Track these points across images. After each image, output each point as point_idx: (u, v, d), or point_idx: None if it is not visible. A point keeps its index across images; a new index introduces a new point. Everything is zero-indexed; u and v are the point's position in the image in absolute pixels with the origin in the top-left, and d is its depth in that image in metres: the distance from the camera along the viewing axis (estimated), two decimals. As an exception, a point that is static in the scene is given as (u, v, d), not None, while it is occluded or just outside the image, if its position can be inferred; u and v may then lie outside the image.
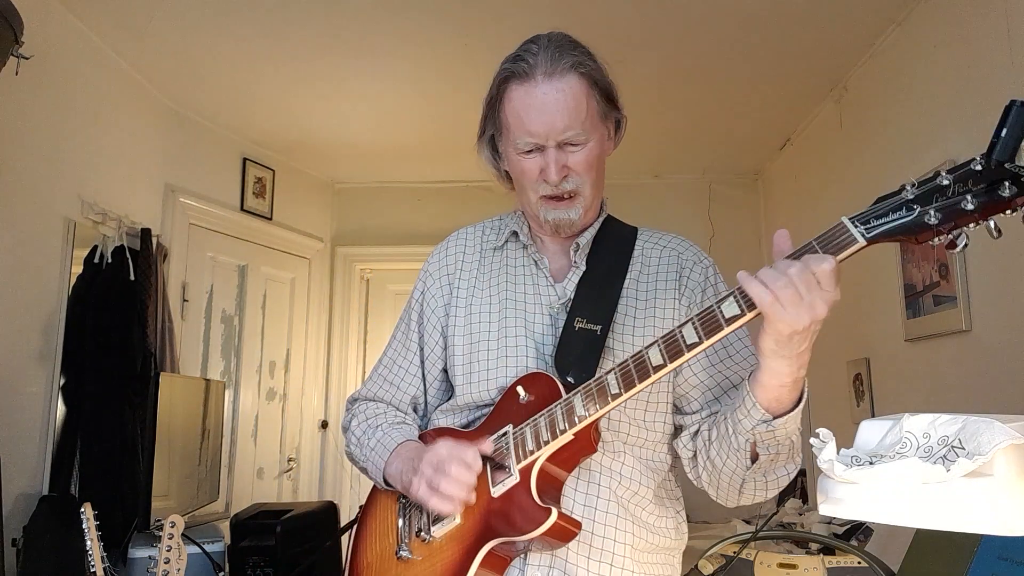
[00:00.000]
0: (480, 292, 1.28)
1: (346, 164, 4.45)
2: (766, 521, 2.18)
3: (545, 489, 1.08)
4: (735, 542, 1.53)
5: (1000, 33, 2.17)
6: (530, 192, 1.21)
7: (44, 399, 2.61)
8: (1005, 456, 0.76)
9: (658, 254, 1.27)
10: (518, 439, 1.10)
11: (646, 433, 1.18)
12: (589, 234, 1.26)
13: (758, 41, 2.99)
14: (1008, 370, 2.17)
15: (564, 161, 1.17)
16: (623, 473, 1.16)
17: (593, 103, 1.19)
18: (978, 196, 0.80)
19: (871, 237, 0.85)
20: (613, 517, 1.13)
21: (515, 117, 1.17)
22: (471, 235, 1.36)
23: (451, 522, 1.13)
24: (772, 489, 1.11)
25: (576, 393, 1.06)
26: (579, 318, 1.18)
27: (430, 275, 1.34)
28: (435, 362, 1.30)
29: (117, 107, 3.15)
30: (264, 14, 2.80)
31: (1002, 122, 0.76)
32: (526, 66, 1.16)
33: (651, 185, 4.59)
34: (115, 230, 2.98)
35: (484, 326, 1.24)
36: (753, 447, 1.03)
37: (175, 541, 1.80)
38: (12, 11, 2.01)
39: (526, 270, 1.27)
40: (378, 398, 1.36)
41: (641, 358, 1.00)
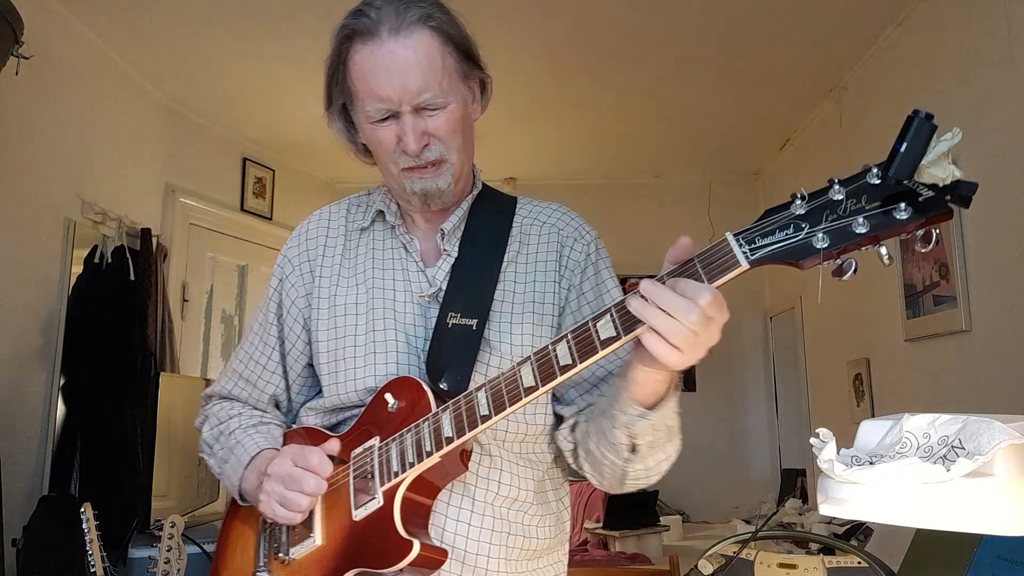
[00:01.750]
0: (345, 280, 1.14)
1: (346, 164, 4.41)
2: (766, 521, 2.18)
3: (411, 512, 1.00)
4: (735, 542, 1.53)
5: (1000, 33, 2.17)
6: (390, 165, 1.07)
7: (44, 399, 2.61)
8: (1005, 456, 0.76)
9: (537, 231, 1.15)
10: (384, 456, 1.00)
11: (526, 427, 1.09)
12: (456, 215, 1.13)
13: (758, 41, 2.99)
14: (1008, 370, 2.17)
15: (423, 127, 1.03)
16: (501, 480, 1.07)
17: (450, 60, 1.05)
18: (872, 217, 0.71)
19: (754, 260, 0.77)
20: (488, 532, 1.06)
21: (362, 81, 1.04)
22: (334, 214, 1.21)
23: (312, 544, 1.04)
24: (654, 475, 1.04)
25: (445, 410, 0.97)
26: (452, 313, 1.07)
27: (288, 261, 1.19)
28: (297, 357, 1.18)
29: (117, 107, 3.15)
30: (264, 14, 2.80)
31: (903, 134, 0.69)
32: (368, 22, 1.02)
33: (651, 185, 4.59)
34: (115, 230, 2.99)
35: (350, 319, 1.11)
36: (632, 440, 0.97)
37: (175, 541, 1.80)
38: (12, 11, 2.01)
39: (394, 254, 1.14)
40: (233, 396, 1.22)
41: (513, 377, 0.92)
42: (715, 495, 4.26)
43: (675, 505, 4.09)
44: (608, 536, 3.34)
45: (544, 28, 2.84)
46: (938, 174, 0.69)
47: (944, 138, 0.69)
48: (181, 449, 2.81)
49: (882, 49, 2.93)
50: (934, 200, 0.70)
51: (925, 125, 0.69)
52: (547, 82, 3.35)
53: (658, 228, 4.24)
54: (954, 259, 2.39)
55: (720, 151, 4.25)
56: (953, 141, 0.69)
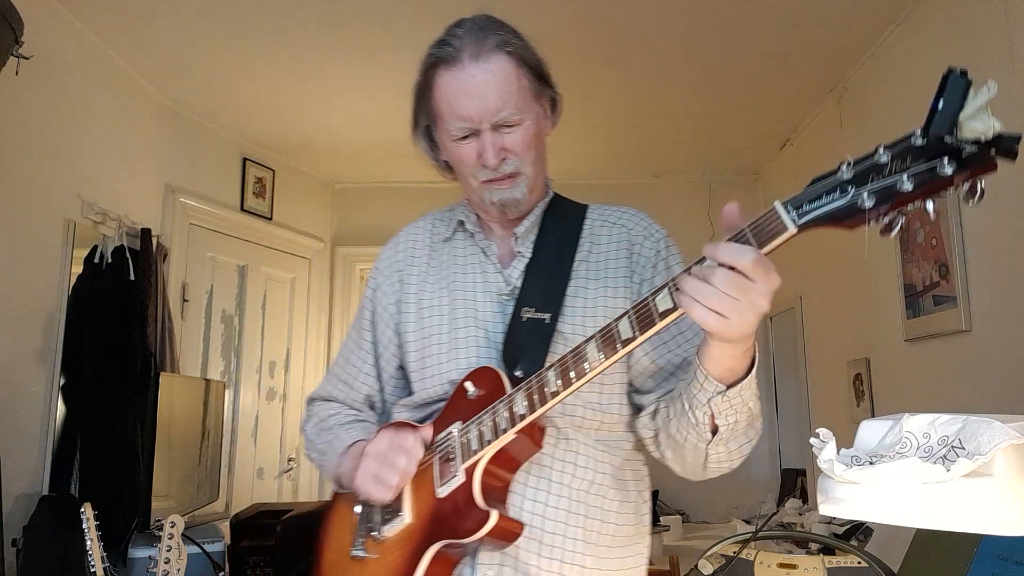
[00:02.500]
0: (430, 286, 1.26)
1: (346, 164, 4.45)
2: (766, 521, 2.18)
3: (491, 488, 1.07)
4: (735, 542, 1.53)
5: (1000, 33, 2.17)
6: (470, 179, 1.18)
7: (44, 399, 2.61)
8: (1005, 456, 0.76)
9: (607, 231, 1.24)
10: (464, 437, 1.09)
11: (602, 415, 1.16)
12: (529, 220, 1.23)
13: (758, 41, 2.99)
14: (1008, 370, 2.17)
15: (500, 143, 1.14)
16: (577, 463, 1.14)
17: (524, 81, 1.16)
18: (916, 175, 0.73)
19: (802, 224, 0.81)
20: (564, 513, 1.12)
21: (446, 103, 1.15)
22: (421, 229, 1.35)
23: (401, 521, 1.13)
24: (736, 459, 1.09)
25: (518, 390, 1.05)
26: (526, 307, 1.16)
27: (381, 272, 1.33)
28: (389, 360, 1.29)
29: (117, 107, 3.16)
30: (264, 14, 2.80)
31: (939, 92, 0.71)
32: (452, 50, 1.14)
33: (651, 185, 4.59)
34: (115, 230, 2.99)
35: (435, 320, 1.23)
36: (712, 420, 1.00)
37: (175, 541, 1.80)
38: (12, 11, 2.01)
39: (474, 259, 1.25)
40: (332, 397, 1.35)
41: (579, 354, 0.99)
42: (715, 495, 4.26)
43: (675, 505, 4.09)
44: (608, 536, 3.33)
45: (544, 29, 2.83)
46: (978, 127, 0.69)
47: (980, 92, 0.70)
48: (181, 449, 2.81)
49: (882, 49, 2.93)
50: (977, 154, 0.71)
51: (960, 81, 0.70)
52: (547, 82, 3.34)
53: (658, 228, 4.23)
54: (954, 259, 2.39)
55: (720, 151, 4.25)
56: (990, 94, 0.70)
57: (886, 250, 2.82)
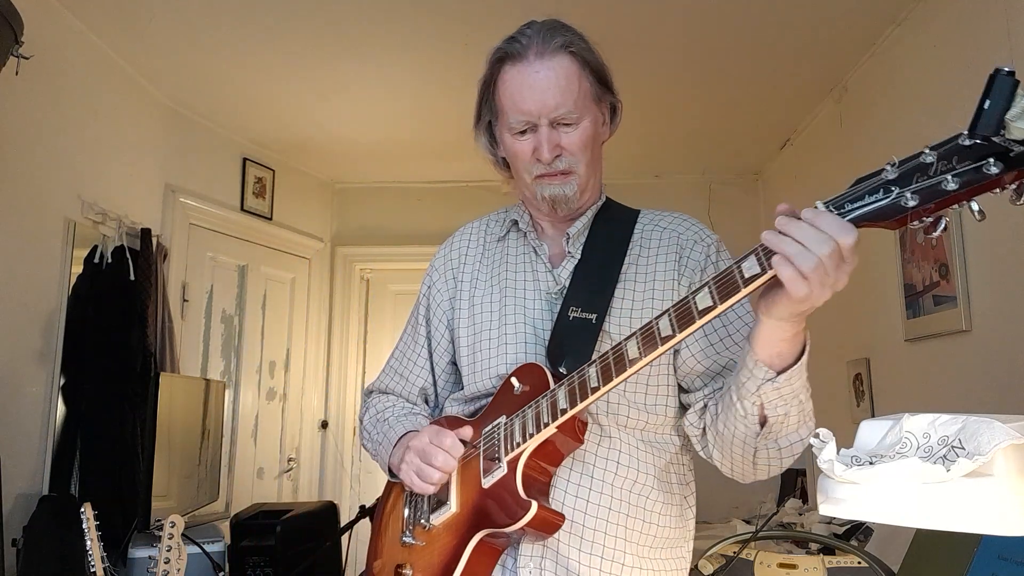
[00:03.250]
0: (482, 283, 1.30)
1: (346, 164, 4.45)
2: (766, 521, 2.18)
3: (533, 481, 1.10)
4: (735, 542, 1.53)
5: (1000, 33, 2.17)
6: (524, 174, 1.22)
7: (44, 399, 2.61)
8: (1005, 456, 0.76)
9: (658, 236, 1.26)
10: (508, 430, 1.12)
11: (647, 416, 1.17)
12: (581, 222, 1.26)
13: (758, 41, 2.99)
14: (1008, 370, 2.17)
15: (557, 140, 1.17)
16: (620, 461, 1.15)
17: (585, 84, 1.19)
18: (961, 175, 0.73)
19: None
20: (605, 509, 1.13)
21: (508, 98, 1.18)
22: (475, 229, 1.38)
23: (448, 511, 1.17)
24: (787, 457, 1.08)
25: (561, 385, 1.07)
26: (573, 307, 1.18)
27: (436, 270, 1.37)
28: (442, 354, 1.33)
29: (117, 107, 3.15)
30: (264, 14, 2.80)
31: (986, 92, 0.70)
32: (519, 47, 1.17)
33: (651, 185, 4.59)
34: (115, 230, 2.99)
35: (486, 316, 1.26)
36: (761, 410, 1.00)
37: (175, 541, 1.80)
38: (12, 11, 2.01)
39: (525, 258, 1.29)
40: (389, 389, 1.40)
41: (619, 351, 1.00)
42: (715, 495, 4.24)
43: (675, 505, 4.08)
44: (608, 536, 3.34)
45: (544, 28, 2.84)
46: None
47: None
48: (181, 449, 2.81)
49: (882, 49, 2.93)
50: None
51: (1007, 81, 0.69)
52: (547, 82, 3.34)
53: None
54: (954, 259, 2.39)
55: (720, 151, 4.25)
56: None
57: (886, 250, 2.82)
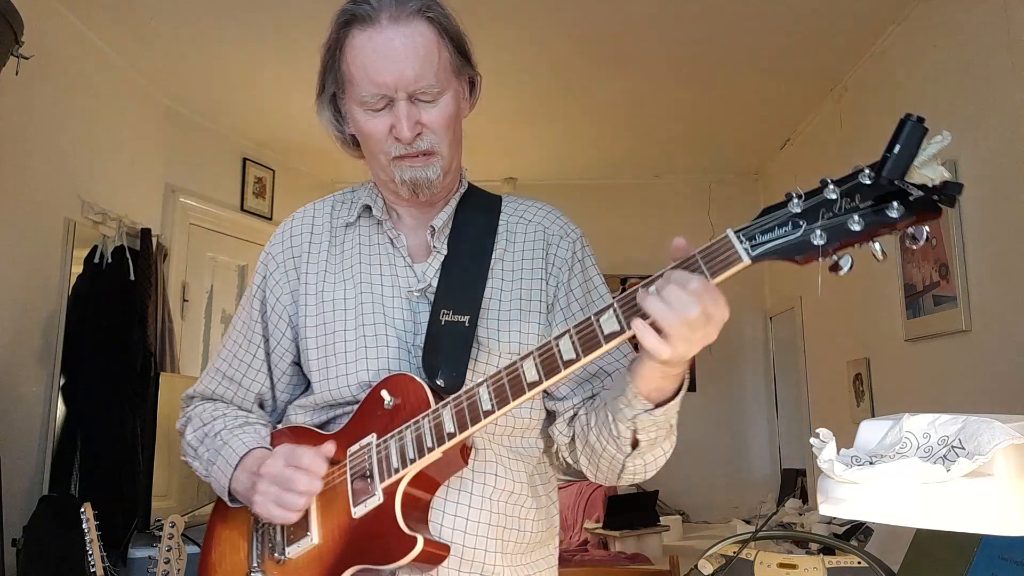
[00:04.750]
0: (332, 276, 1.14)
1: (346, 164, 4.42)
2: (766, 521, 2.18)
3: (411, 508, 1.00)
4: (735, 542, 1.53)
5: (1000, 33, 2.17)
6: (380, 155, 1.07)
7: (44, 399, 2.61)
8: (1005, 456, 0.76)
9: (523, 229, 1.16)
10: (382, 453, 1.00)
11: (515, 421, 1.09)
12: (445, 213, 1.13)
13: (758, 41, 2.99)
14: (1008, 370, 2.17)
15: (416, 116, 1.03)
16: (497, 474, 1.07)
17: (445, 54, 1.05)
18: (865, 215, 0.74)
19: (755, 256, 0.79)
20: (485, 527, 1.05)
21: (358, 67, 1.03)
22: (319, 211, 1.20)
23: (308, 542, 1.03)
24: (651, 471, 1.05)
25: (446, 406, 0.97)
26: (444, 310, 1.07)
27: (272, 258, 1.18)
28: (282, 355, 1.16)
29: (117, 107, 3.15)
30: (264, 14, 2.80)
31: (895, 137, 0.71)
32: (369, 8, 1.02)
33: (651, 185, 4.59)
34: (115, 230, 2.98)
35: (339, 315, 1.11)
36: (634, 435, 0.97)
37: (175, 541, 1.80)
38: (12, 11, 2.01)
39: (381, 249, 1.14)
40: (216, 396, 1.21)
41: (515, 371, 0.92)
42: (715, 495, 4.26)
43: (675, 505, 4.09)
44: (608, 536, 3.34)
45: (544, 29, 2.84)
46: (928, 175, 0.71)
47: (934, 140, 0.71)
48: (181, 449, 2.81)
49: (882, 49, 2.93)
50: (924, 200, 0.73)
51: (917, 128, 0.71)
52: (547, 82, 3.35)
53: (658, 228, 4.24)
54: (954, 259, 2.39)
55: (720, 151, 4.25)
56: (943, 143, 0.71)
57: (886, 250, 2.82)
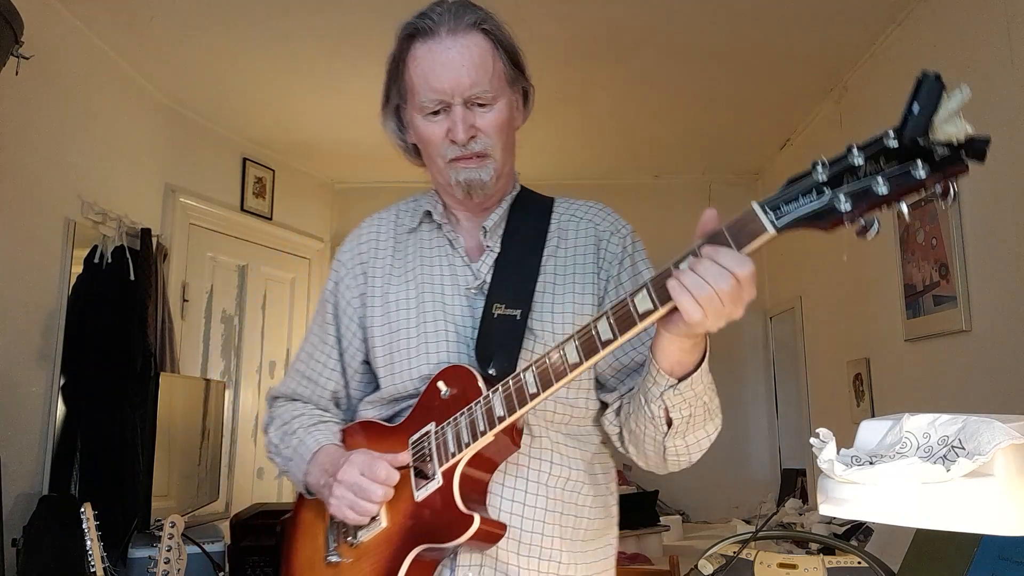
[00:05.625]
0: (396, 278, 1.23)
1: (346, 164, 4.45)
2: (766, 521, 2.18)
3: (469, 490, 1.06)
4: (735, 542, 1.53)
5: (1000, 33, 2.17)
6: (437, 159, 1.16)
7: (44, 399, 2.61)
8: (1005, 456, 0.76)
9: (575, 226, 1.23)
10: (440, 440, 1.08)
11: (570, 410, 1.16)
12: (498, 213, 1.21)
13: (758, 41, 2.99)
14: (1008, 370, 2.17)
15: (471, 120, 1.12)
16: (552, 460, 1.14)
17: (500, 64, 1.15)
18: (890, 177, 0.74)
19: (781, 226, 0.82)
20: (541, 511, 1.12)
21: (420, 76, 1.13)
22: (384, 220, 1.30)
23: (377, 526, 1.11)
24: (695, 453, 1.10)
25: (495, 391, 1.03)
26: (497, 304, 1.14)
27: (343, 265, 1.29)
28: (354, 354, 1.26)
29: (117, 107, 3.16)
30: (264, 14, 2.80)
31: (914, 95, 0.72)
32: (430, 22, 1.13)
33: (651, 185, 4.59)
34: (115, 230, 2.98)
35: (402, 313, 1.20)
36: (667, 413, 1.02)
37: (175, 541, 1.80)
38: (12, 11, 2.01)
39: (441, 251, 1.23)
40: (297, 395, 1.31)
41: (558, 355, 0.98)
42: (715, 495, 4.26)
43: (675, 505, 4.08)
44: (608, 536, 3.33)
45: (544, 28, 2.84)
46: (951, 131, 0.70)
47: (954, 96, 0.71)
48: (181, 449, 2.81)
49: (882, 49, 2.93)
50: (950, 157, 0.72)
51: (934, 84, 0.71)
52: (547, 82, 3.35)
53: (658, 228, 4.20)
54: (954, 259, 2.39)
55: (720, 151, 4.25)
56: (963, 98, 0.71)
57: (886, 250, 2.82)
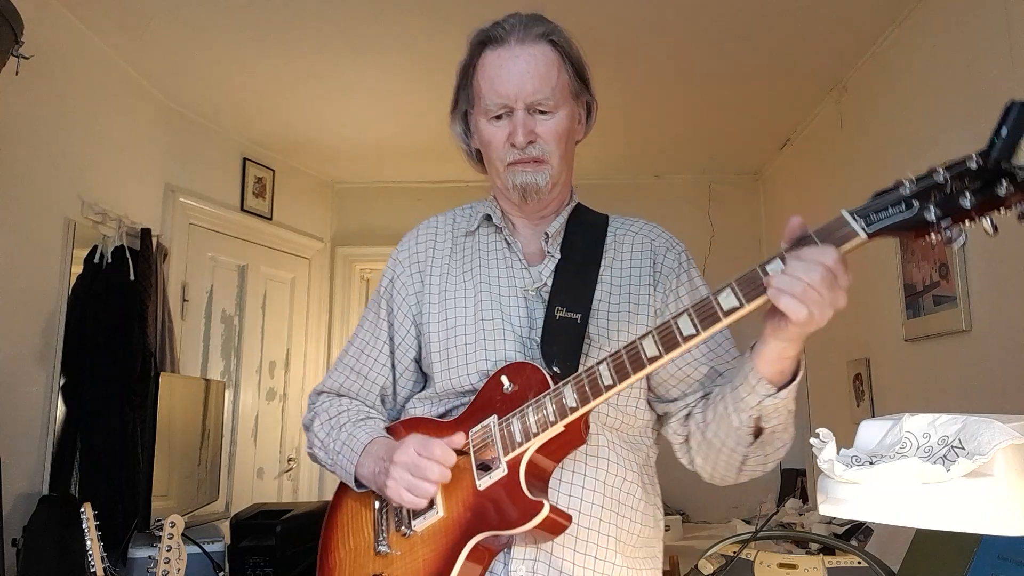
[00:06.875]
0: (454, 278, 1.26)
1: (346, 164, 4.45)
2: (766, 521, 2.18)
3: (533, 482, 1.07)
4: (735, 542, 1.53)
5: (1000, 33, 2.17)
6: (497, 162, 1.20)
7: (44, 399, 2.61)
8: (1005, 456, 0.76)
9: (631, 240, 1.27)
10: (504, 430, 1.09)
11: (622, 416, 1.18)
12: (559, 222, 1.26)
13: (758, 41, 2.99)
14: (1008, 370, 2.17)
15: (532, 126, 1.16)
16: (609, 459, 1.16)
17: (564, 76, 1.19)
18: (975, 194, 0.79)
19: (872, 232, 0.86)
20: (598, 508, 1.13)
21: (487, 81, 1.18)
22: (442, 223, 1.34)
23: (434, 516, 1.12)
24: (771, 463, 1.11)
25: (566, 384, 1.05)
26: (559, 307, 1.17)
27: (400, 263, 1.31)
28: (406, 351, 1.28)
29: (117, 107, 3.15)
30: (264, 14, 2.80)
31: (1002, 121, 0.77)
32: (501, 31, 1.18)
33: (651, 185, 4.59)
34: (115, 230, 2.98)
35: (460, 311, 1.23)
36: (758, 422, 1.03)
37: (175, 541, 1.80)
38: (12, 11, 2.01)
39: (499, 253, 1.26)
40: (344, 389, 1.32)
41: (634, 349, 0.99)
42: (715, 495, 4.23)
43: (675, 505, 4.09)
44: (608, 536, 3.33)
45: (544, 28, 2.84)
46: None
47: None
48: (181, 449, 2.81)
49: (882, 49, 2.93)
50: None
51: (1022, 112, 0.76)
52: (547, 82, 3.34)
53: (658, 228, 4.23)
54: (954, 259, 2.39)
55: (720, 151, 4.25)
56: None
57: (886, 250, 2.82)
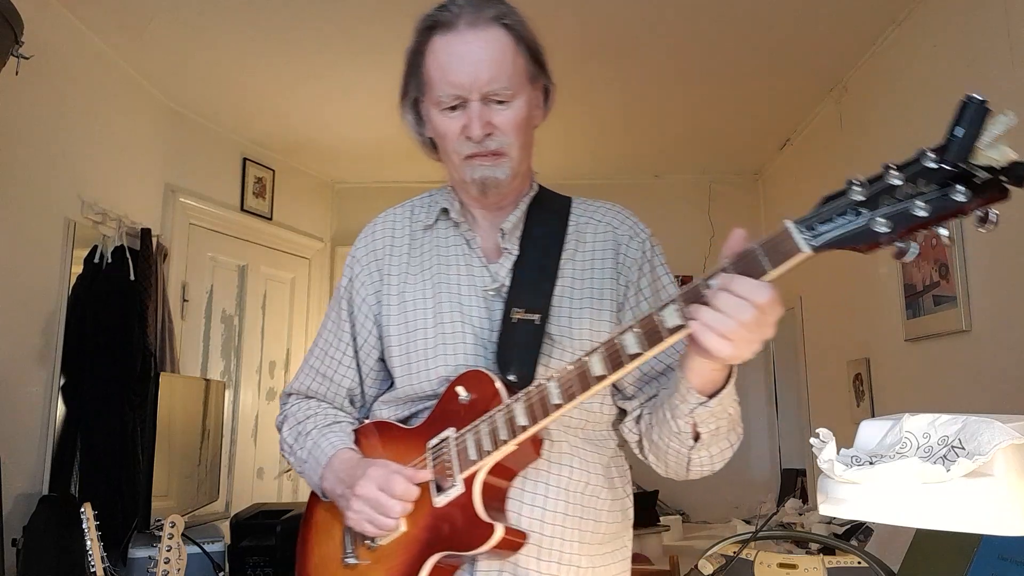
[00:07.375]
0: (412, 276, 1.21)
1: (346, 164, 4.45)
2: (766, 521, 2.18)
3: (491, 497, 1.05)
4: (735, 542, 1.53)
5: (1000, 33, 2.17)
6: (453, 155, 1.13)
7: (44, 399, 2.61)
8: (1005, 456, 0.76)
9: (593, 229, 1.21)
10: (460, 446, 1.06)
11: (586, 415, 1.15)
12: (515, 216, 1.19)
13: (758, 41, 2.99)
14: (1008, 370, 2.17)
15: (488, 117, 1.09)
16: (573, 465, 1.13)
17: (520, 60, 1.12)
18: (930, 200, 0.72)
19: (817, 247, 0.79)
20: (562, 516, 1.11)
21: (437, 69, 1.10)
22: (399, 216, 1.28)
23: (396, 531, 1.10)
24: (718, 462, 1.09)
25: (517, 400, 1.01)
26: (516, 308, 1.12)
27: (357, 261, 1.26)
28: (369, 352, 1.24)
29: (117, 107, 3.15)
30: (264, 14, 2.80)
31: (958, 118, 0.69)
32: (449, 15, 1.10)
33: (651, 185, 4.59)
34: (115, 230, 2.98)
35: (419, 313, 1.18)
36: (694, 428, 1.02)
37: (175, 541, 1.80)
38: (12, 11, 2.01)
39: (458, 250, 1.20)
40: (312, 392, 1.30)
41: (582, 367, 0.96)
42: (715, 495, 4.25)
43: (675, 505, 4.09)
44: (608, 536, 3.33)
45: (544, 29, 2.84)
46: (994, 156, 0.69)
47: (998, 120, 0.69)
48: (181, 449, 2.81)
49: (882, 49, 2.93)
50: (991, 182, 0.71)
51: (979, 109, 0.69)
52: (547, 82, 3.35)
53: (658, 228, 4.15)
54: (954, 259, 2.39)
55: (720, 151, 4.25)
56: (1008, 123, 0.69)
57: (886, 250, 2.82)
